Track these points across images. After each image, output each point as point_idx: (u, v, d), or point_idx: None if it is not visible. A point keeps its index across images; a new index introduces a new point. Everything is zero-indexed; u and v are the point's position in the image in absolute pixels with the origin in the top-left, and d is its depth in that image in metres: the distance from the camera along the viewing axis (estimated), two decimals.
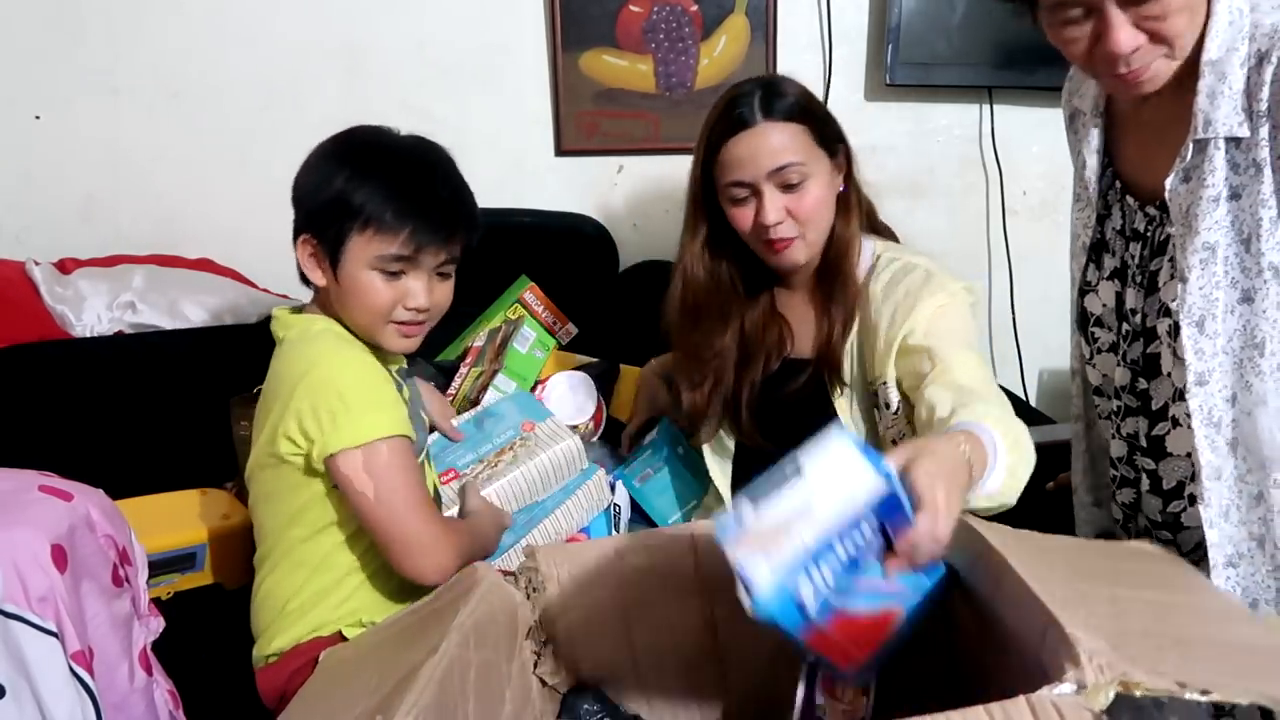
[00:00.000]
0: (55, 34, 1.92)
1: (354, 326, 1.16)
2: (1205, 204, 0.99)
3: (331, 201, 1.11)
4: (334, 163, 1.13)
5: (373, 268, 1.11)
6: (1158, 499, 1.15)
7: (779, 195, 1.25)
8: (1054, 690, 0.67)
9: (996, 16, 1.90)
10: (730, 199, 1.28)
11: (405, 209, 1.10)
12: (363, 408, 1.07)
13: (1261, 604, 1.06)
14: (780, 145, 1.24)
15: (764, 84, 1.28)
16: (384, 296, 1.12)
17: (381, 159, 1.13)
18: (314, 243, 1.14)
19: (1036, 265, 2.08)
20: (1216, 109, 0.97)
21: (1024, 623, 0.79)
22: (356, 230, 1.10)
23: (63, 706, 0.96)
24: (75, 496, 1.07)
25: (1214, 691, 0.65)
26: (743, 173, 1.25)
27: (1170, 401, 1.10)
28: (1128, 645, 0.71)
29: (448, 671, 0.83)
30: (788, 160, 1.24)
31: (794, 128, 1.25)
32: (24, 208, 1.99)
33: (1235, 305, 1.01)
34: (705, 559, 1.08)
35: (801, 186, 1.25)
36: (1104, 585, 0.85)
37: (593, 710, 1.04)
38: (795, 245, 1.28)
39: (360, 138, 1.16)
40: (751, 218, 1.27)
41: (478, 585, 1.00)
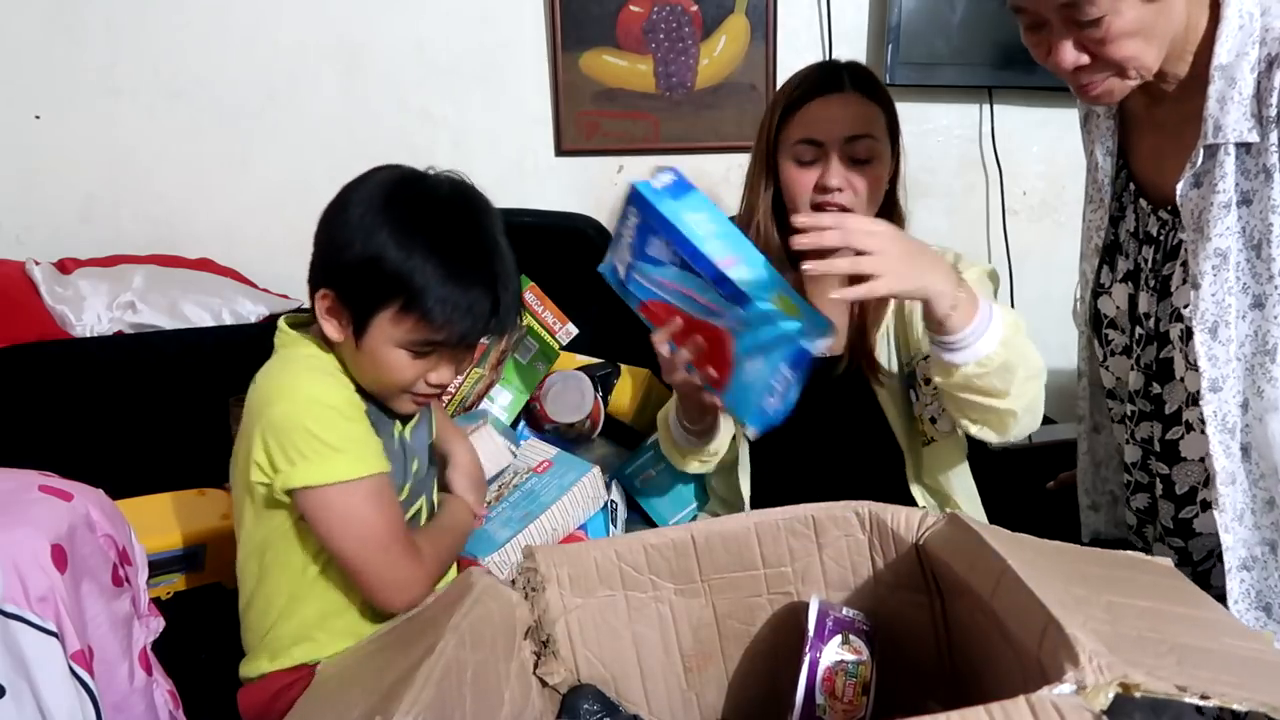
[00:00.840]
0: (55, 34, 1.92)
1: (361, 383, 1.07)
2: (1216, 210, 0.98)
3: (366, 266, 0.98)
4: (371, 217, 0.99)
5: (401, 346, 1.01)
6: (1171, 504, 1.15)
7: (845, 165, 1.26)
8: (1054, 690, 0.67)
9: (996, 16, 1.91)
10: (795, 158, 1.28)
11: (453, 301, 0.99)
12: (331, 446, 0.99)
13: (1275, 607, 1.06)
14: (861, 115, 1.27)
15: (854, 62, 1.32)
16: (407, 374, 1.03)
17: (428, 224, 1.00)
18: (336, 300, 1.02)
19: (1036, 265, 2.08)
20: (1226, 114, 0.96)
21: (1022, 623, 0.79)
22: (393, 308, 0.99)
23: (63, 706, 0.96)
24: (75, 496, 1.07)
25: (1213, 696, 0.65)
26: (819, 131, 1.26)
27: (1183, 406, 1.10)
28: (1126, 649, 0.71)
29: (445, 672, 0.83)
30: (865, 130, 1.26)
31: (875, 107, 1.28)
32: (24, 208, 1.99)
33: (1247, 311, 1.00)
34: (705, 559, 1.08)
35: (869, 164, 1.26)
36: (1100, 592, 0.85)
37: (593, 710, 1.04)
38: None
39: (407, 194, 1.02)
40: (812, 181, 1.26)
41: (473, 588, 1.00)
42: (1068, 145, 2.03)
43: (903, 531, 1.04)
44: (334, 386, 1.04)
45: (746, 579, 1.08)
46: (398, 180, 1.04)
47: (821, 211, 1.24)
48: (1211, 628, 0.83)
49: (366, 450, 1.02)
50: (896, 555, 1.05)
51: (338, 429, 1.00)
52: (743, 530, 1.07)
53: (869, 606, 1.07)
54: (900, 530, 1.04)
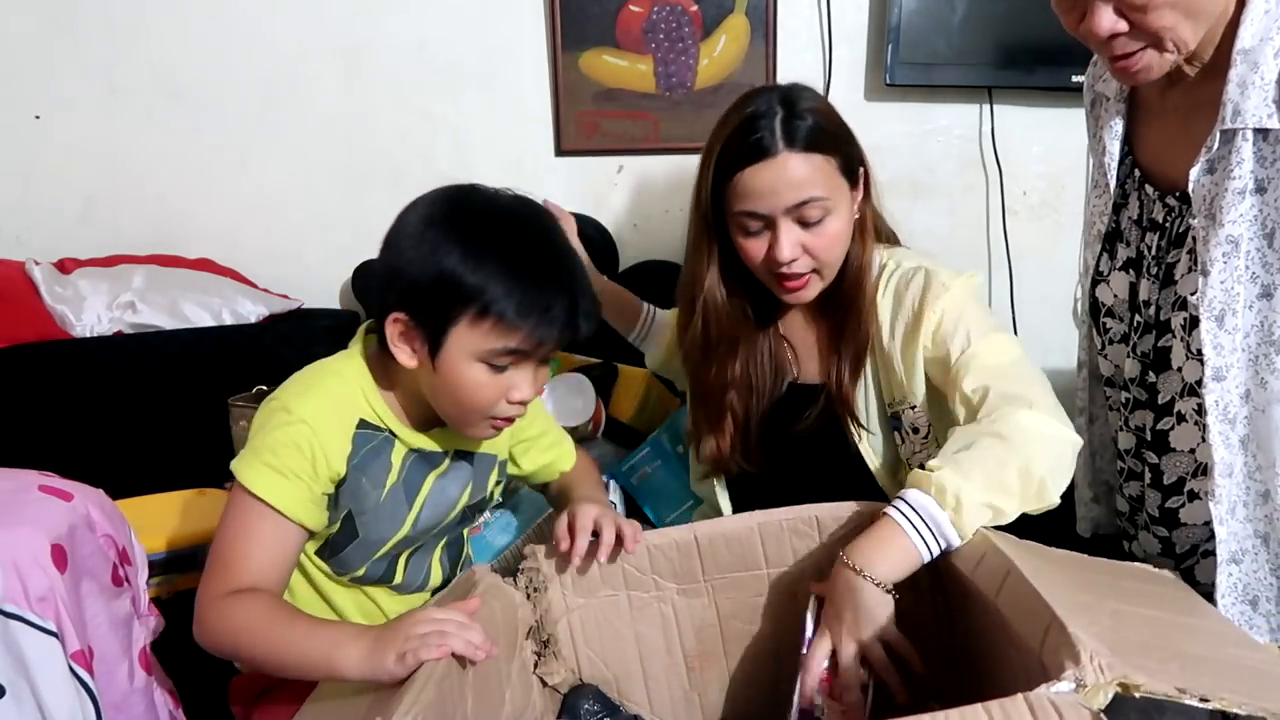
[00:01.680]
0: (55, 34, 1.92)
1: (439, 413, 1.04)
2: (1230, 196, 0.97)
3: (439, 282, 0.95)
4: (440, 234, 0.97)
5: (479, 359, 0.97)
6: (1158, 493, 1.15)
7: (795, 230, 1.14)
8: (1052, 688, 0.67)
9: (996, 16, 1.91)
10: (741, 229, 1.17)
11: (530, 302, 0.95)
12: (272, 466, 0.96)
13: (1262, 600, 1.06)
14: (803, 177, 1.12)
15: (784, 101, 1.14)
16: (488, 392, 0.99)
17: (497, 235, 0.97)
18: (409, 323, 0.98)
19: (1036, 265, 2.08)
20: (1247, 99, 0.95)
21: (1026, 622, 0.79)
22: (469, 319, 0.95)
23: (63, 706, 0.96)
24: (75, 496, 1.06)
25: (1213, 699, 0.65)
26: (758, 204, 1.13)
27: (1177, 396, 1.09)
28: (1129, 653, 0.71)
29: (446, 672, 0.83)
30: (810, 195, 1.12)
31: (817, 159, 1.13)
32: (24, 208, 1.99)
33: (1254, 301, 1.00)
34: (709, 559, 1.08)
35: (821, 223, 1.14)
36: (1106, 600, 0.85)
37: (593, 710, 1.04)
38: (810, 282, 1.19)
39: (468, 206, 1.00)
40: (764, 250, 1.16)
41: (476, 586, 1.00)
42: (1068, 145, 2.04)
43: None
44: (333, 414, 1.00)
45: (750, 579, 1.08)
46: (455, 195, 1.01)
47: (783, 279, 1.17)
48: (1215, 638, 0.83)
49: (294, 491, 0.97)
50: None
51: (289, 453, 0.96)
52: (746, 530, 1.07)
53: None
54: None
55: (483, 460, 1.13)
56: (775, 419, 1.29)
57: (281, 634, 0.90)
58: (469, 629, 0.87)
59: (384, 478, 1.04)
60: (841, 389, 1.22)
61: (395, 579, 1.09)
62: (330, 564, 1.06)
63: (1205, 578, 1.12)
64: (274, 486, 0.96)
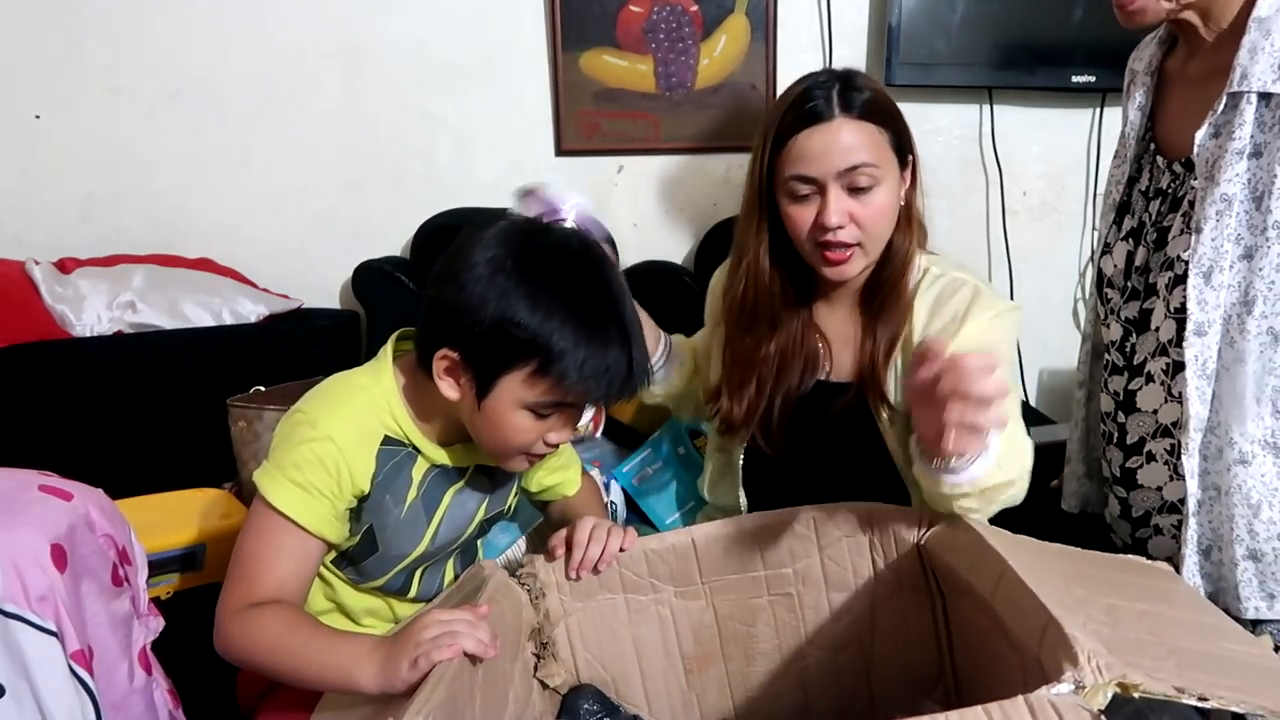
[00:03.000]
0: (55, 34, 1.92)
1: (476, 441, 1.04)
2: (1230, 156, 1.02)
3: (502, 331, 0.94)
4: (508, 281, 0.94)
5: (527, 408, 0.98)
6: (1120, 453, 1.18)
7: (845, 197, 1.16)
8: (1052, 690, 0.67)
9: (996, 16, 1.91)
10: (791, 194, 1.18)
11: (592, 364, 0.95)
12: (295, 481, 0.97)
13: (1214, 550, 1.10)
14: (855, 143, 1.15)
15: (841, 76, 1.18)
16: (528, 435, 1.00)
17: (562, 283, 0.96)
18: (460, 361, 0.97)
19: (1036, 265, 2.08)
20: (1255, 63, 1.00)
21: (1023, 623, 0.79)
22: (527, 373, 0.95)
23: (62, 706, 0.96)
24: (75, 496, 1.06)
25: (1211, 699, 0.65)
26: (810, 167, 1.15)
27: (1149, 357, 1.13)
28: (1125, 651, 0.71)
29: (458, 671, 0.83)
30: (861, 160, 1.14)
31: (871, 128, 1.16)
32: (24, 208, 1.99)
33: (1236, 261, 1.04)
34: (706, 562, 1.08)
35: (870, 192, 1.16)
36: (1101, 594, 0.85)
37: (592, 710, 1.04)
38: (853, 256, 1.19)
39: (538, 251, 0.97)
40: (811, 218, 1.17)
41: (486, 583, 1.00)
42: (1068, 145, 2.04)
43: (904, 532, 1.04)
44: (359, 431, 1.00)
45: (747, 581, 1.08)
46: (524, 235, 0.99)
47: (827, 249, 1.18)
48: (1211, 632, 0.83)
49: (318, 507, 0.98)
50: (897, 555, 1.05)
51: (314, 470, 0.97)
52: (743, 533, 1.07)
53: (869, 606, 1.07)
54: (901, 531, 1.04)
55: (501, 474, 1.13)
56: (804, 409, 1.29)
57: (301, 649, 0.91)
58: (479, 628, 0.88)
59: (405, 493, 1.04)
60: (875, 372, 1.22)
61: (411, 592, 1.10)
62: (347, 573, 1.07)
63: (1158, 553, 1.14)
64: (298, 502, 0.96)
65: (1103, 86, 1.90)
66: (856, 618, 1.07)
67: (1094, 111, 2.02)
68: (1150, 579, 0.96)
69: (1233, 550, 1.06)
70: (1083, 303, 2.10)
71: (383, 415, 1.02)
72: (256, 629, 0.93)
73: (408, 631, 0.88)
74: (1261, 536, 1.05)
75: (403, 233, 2.01)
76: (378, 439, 1.02)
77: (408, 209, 1.99)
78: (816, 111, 1.15)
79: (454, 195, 1.99)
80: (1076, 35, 1.88)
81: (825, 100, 1.15)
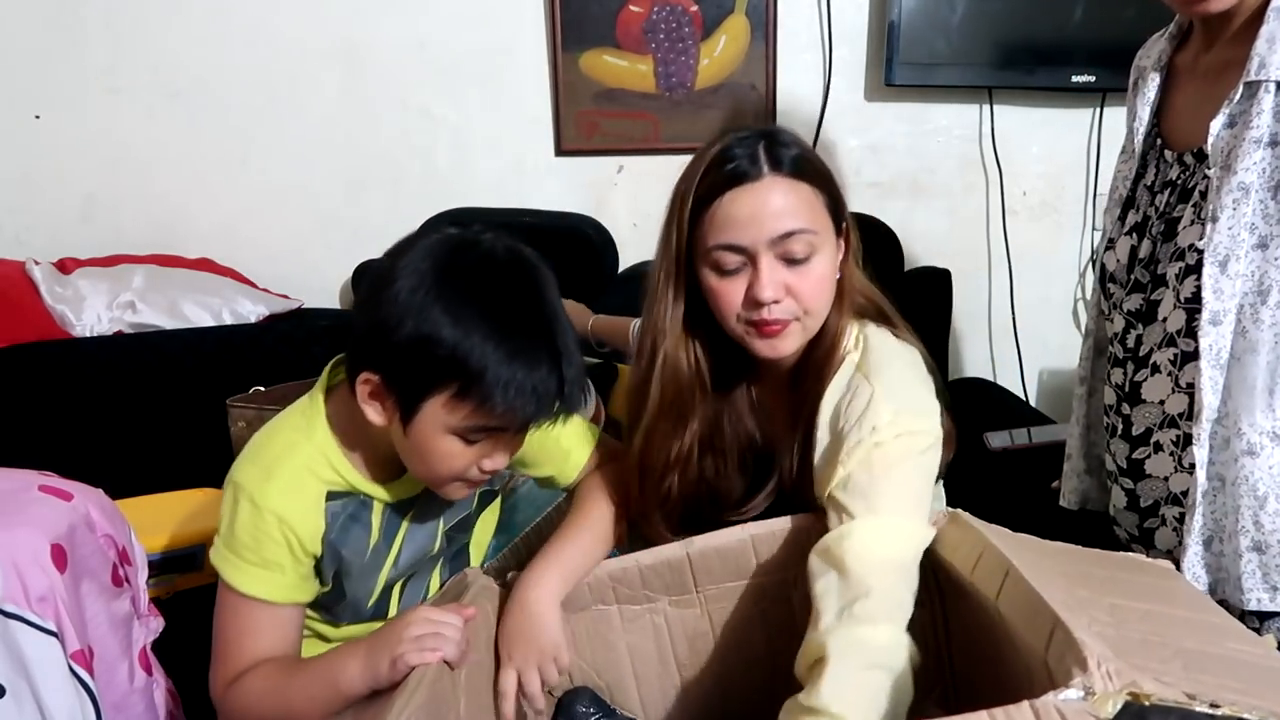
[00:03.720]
0: (55, 34, 1.92)
1: (408, 469, 0.98)
2: (1247, 145, 1.02)
3: (418, 347, 0.88)
4: (423, 293, 0.88)
5: (453, 433, 0.91)
6: (1126, 444, 1.18)
7: (779, 268, 1.01)
8: (1059, 696, 0.66)
9: (996, 16, 1.91)
10: (716, 267, 1.03)
11: (517, 385, 0.88)
12: (241, 556, 0.95)
13: (1215, 541, 1.09)
14: (788, 206, 1.01)
15: (765, 133, 1.04)
16: (459, 461, 0.93)
17: (486, 298, 0.89)
18: (381, 385, 0.91)
19: (1036, 265, 2.08)
20: (1273, 52, 1.00)
21: (1029, 625, 0.79)
22: (449, 396, 0.89)
23: (63, 706, 0.96)
24: (75, 496, 1.06)
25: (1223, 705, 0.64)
26: (739, 235, 1.00)
27: (1156, 348, 1.13)
28: (1131, 653, 0.70)
29: (438, 674, 0.83)
30: (796, 226, 1.00)
31: (805, 188, 1.02)
32: (24, 208, 1.99)
33: (1250, 251, 1.03)
34: (701, 573, 1.07)
35: (807, 262, 1.01)
36: (1103, 594, 0.85)
37: (589, 712, 1.03)
38: (790, 331, 1.04)
39: (462, 266, 0.91)
40: (740, 294, 1.02)
41: (468, 589, 1.00)
42: (1068, 145, 2.04)
43: None
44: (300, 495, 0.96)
45: (742, 588, 1.07)
46: (450, 249, 0.92)
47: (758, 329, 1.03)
48: (1214, 631, 0.82)
49: (282, 580, 0.96)
50: None
51: (267, 547, 0.94)
52: (739, 543, 1.06)
53: None
54: None
55: None
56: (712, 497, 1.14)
57: (290, 690, 0.91)
58: (462, 633, 0.88)
59: (365, 541, 1.01)
60: (805, 463, 1.06)
61: (390, 611, 1.08)
62: (322, 616, 1.06)
63: (1164, 545, 1.14)
64: (261, 581, 0.95)
65: (1103, 86, 1.90)
66: None
67: (1094, 111, 2.02)
68: (1151, 577, 0.95)
69: (1236, 542, 1.06)
70: (1083, 303, 2.10)
71: (322, 471, 0.97)
72: (246, 694, 0.93)
73: (393, 626, 0.88)
74: (1267, 529, 1.05)
75: (403, 233, 1.97)
76: (321, 496, 0.97)
77: (408, 209, 1.98)
78: (741, 171, 1.01)
79: (454, 195, 1.99)
80: (1076, 35, 1.88)
81: (750, 158, 1.01)
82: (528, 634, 0.97)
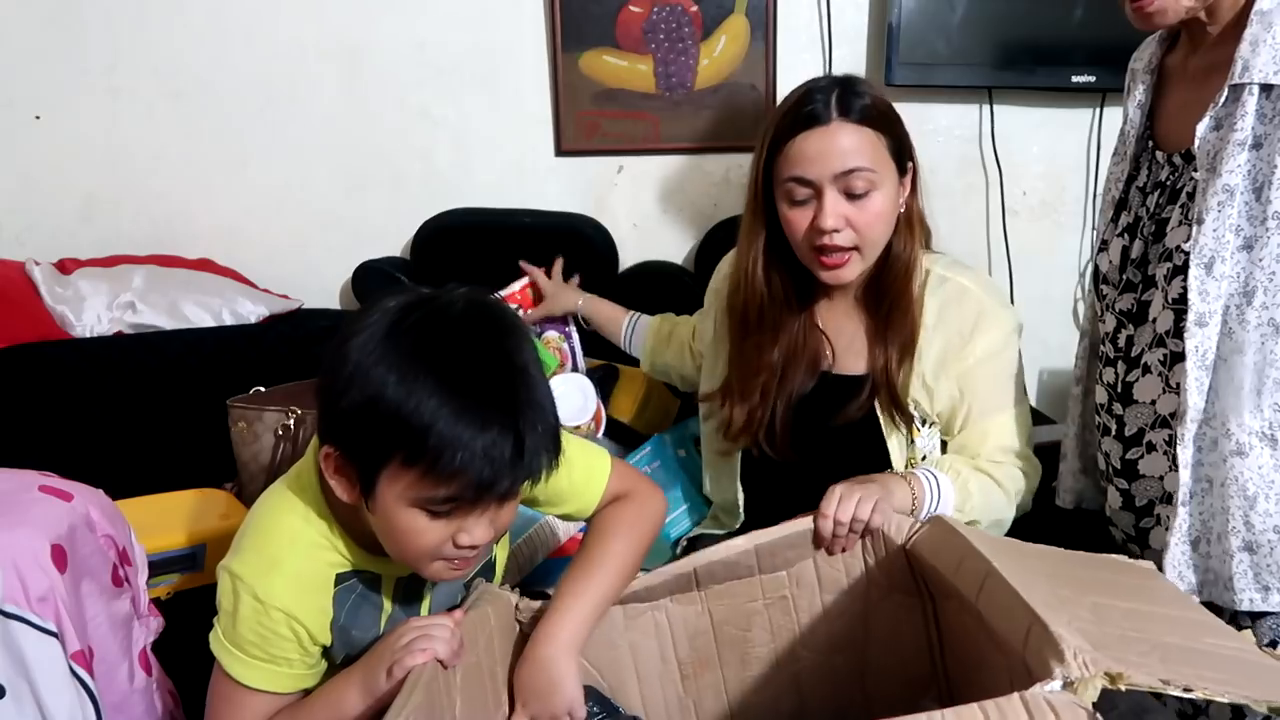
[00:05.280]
0: (55, 34, 1.92)
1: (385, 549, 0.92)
2: (1231, 147, 1.03)
3: (364, 412, 0.82)
4: (374, 357, 0.83)
5: (415, 506, 0.85)
6: (1120, 445, 1.18)
7: (841, 201, 1.17)
8: (1045, 688, 0.67)
9: (996, 16, 1.91)
10: (788, 197, 1.20)
11: (463, 443, 0.81)
12: (238, 645, 0.92)
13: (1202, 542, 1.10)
14: (851, 147, 1.17)
15: (842, 81, 1.20)
16: (429, 538, 0.86)
17: (434, 353, 0.83)
18: (342, 458, 0.87)
19: (1036, 265, 2.08)
20: (1257, 56, 1.01)
21: (1008, 623, 0.79)
22: (398, 463, 0.83)
23: (63, 706, 0.96)
24: (75, 496, 1.07)
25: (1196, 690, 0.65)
26: (807, 169, 1.17)
27: (1147, 348, 1.13)
28: (1110, 647, 0.71)
29: (433, 674, 0.84)
30: (857, 164, 1.16)
31: (868, 133, 1.18)
32: (24, 208, 1.99)
33: (1236, 252, 1.04)
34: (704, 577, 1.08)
35: (866, 197, 1.18)
36: (1085, 593, 0.85)
37: (594, 711, 1.04)
38: (850, 261, 1.21)
39: (407, 318, 0.85)
40: (807, 221, 1.19)
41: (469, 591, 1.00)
42: (1068, 145, 2.04)
43: (892, 534, 1.04)
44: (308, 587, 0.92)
45: (742, 586, 1.08)
46: (403, 306, 0.87)
47: (823, 253, 1.20)
48: (1194, 628, 0.83)
49: (290, 671, 0.93)
50: (887, 557, 1.05)
51: (273, 643, 0.91)
52: (743, 554, 1.07)
53: (862, 609, 1.07)
54: (890, 533, 1.05)
55: None
56: (806, 410, 1.30)
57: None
58: (453, 633, 0.88)
59: (377, 617, 0.98)
60: (889, 379, 1.24)
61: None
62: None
63: (1158, 544, 1.14)
64: (267, 676, 0.93)
65: (1103, 86, 1.90)
66: (851, 620, 1.07)
67: (1094, 111, 2.02)
68: (1133, 577, 0.96)
69: (1227, 542, 1.06)
70: (1082, 303, 2.10)
71: (326, 555, 0.93)
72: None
73: (383, 642, 0.89)
74: (1258, 528, 1.05)
75: (403, 233, 2.01)
76: (329, 583, 0.93)
77: (408, 209, 1.99)
78: (814, 115, 1.17)
79: (454, 195, 1.99)
80: (1076, 35, 1.88)
81: (824, 104, 1.17)
82: (543, 692, 0.96)
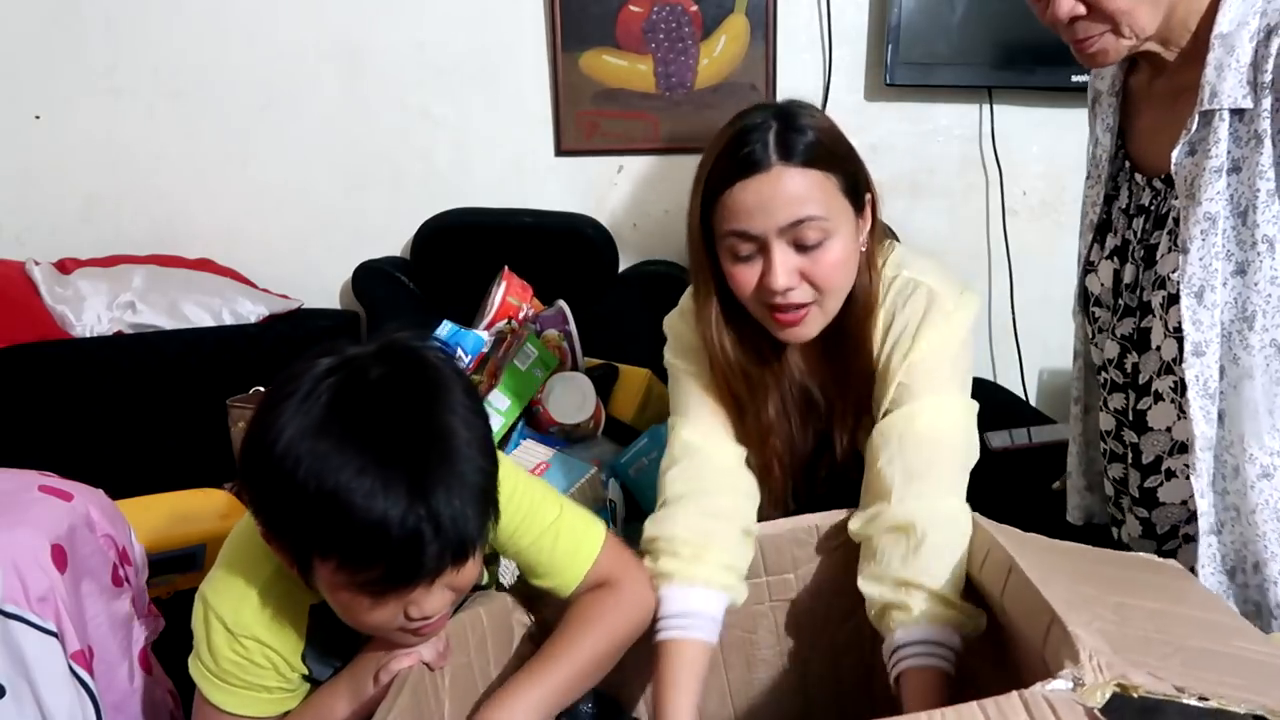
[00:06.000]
0: (55, 34, 1.93)
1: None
2: (1208, 174, 1.01)
3: (278, 498, 0.78)
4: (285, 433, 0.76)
5: (348, 590, 0.79)
6: (1138, 473, 1.17)
7: (791, 255, 1.01)
8: (1047, 686, 0.66)
9: (996, 16, 1.91)
10: (731, 253, 1.03)
11: (371, 527, 0.74)
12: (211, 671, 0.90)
13: (1238, 572, 1.08)
14: (798, 194, 0.99)
15: (780, 115, 1.02)
16: (376, 617, 0.81)
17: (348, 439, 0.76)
18: (269, 536, 0.82)
19: (1036, 265, 2.08)
20: (1223, 81, 0.99)
21: (1029, 621, 0.79)
22: (316, 549, 0.78)
23: (63, 706, 0.96)
24: (75, 496, 1.06)
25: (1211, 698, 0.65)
26: (749, 224, 1.00)
27: (1155, 376, 1.12)
28: (1130, 650, 0.71)
29: (420, 676, 0.84)
30: (806, 214, 0.99)
31: (816, 175, 1.00)
32: (24, 208, 1.99)
33: (1229, 278, 1.02)
34: None
35: (820, 246, 1.01)
36: (1110, 593, 0.84)
37: (592, 712, 1.03)
38: (809, 316, 1.04)
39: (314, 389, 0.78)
40: (755, 279, 1.02)
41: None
42: (1068, 145, 2.04)
43: None
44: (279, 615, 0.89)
45: (749, 587, 1.08)
46: (320, 373, 0.79)
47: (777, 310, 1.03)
48: (1221, 630, 0.82)
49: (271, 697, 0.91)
50: None
51: (251, 671, 0.89)
52: None
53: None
54: None
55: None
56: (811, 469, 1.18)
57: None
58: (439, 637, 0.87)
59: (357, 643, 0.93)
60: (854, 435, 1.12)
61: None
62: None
63: (1186, 562, 1.13)
64: (247, 702, 0.91)
65: None
66: (857, 623, 1.06)
67: None
68: (1163, 577, 0.95)
69: (1268, 570, 1.03)
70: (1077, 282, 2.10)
71: (299, 592, 0.88)
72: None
73: (370, 646, 0.88)
74: None
75: (403, 233, 2.01)
76: (303, 615, 0.90)
77: (408, 209, 1.99)
78: (751, 159, 1.00)
79: (454, 195, 1.99)
80: None
81: (761, 146, 1.00)
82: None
